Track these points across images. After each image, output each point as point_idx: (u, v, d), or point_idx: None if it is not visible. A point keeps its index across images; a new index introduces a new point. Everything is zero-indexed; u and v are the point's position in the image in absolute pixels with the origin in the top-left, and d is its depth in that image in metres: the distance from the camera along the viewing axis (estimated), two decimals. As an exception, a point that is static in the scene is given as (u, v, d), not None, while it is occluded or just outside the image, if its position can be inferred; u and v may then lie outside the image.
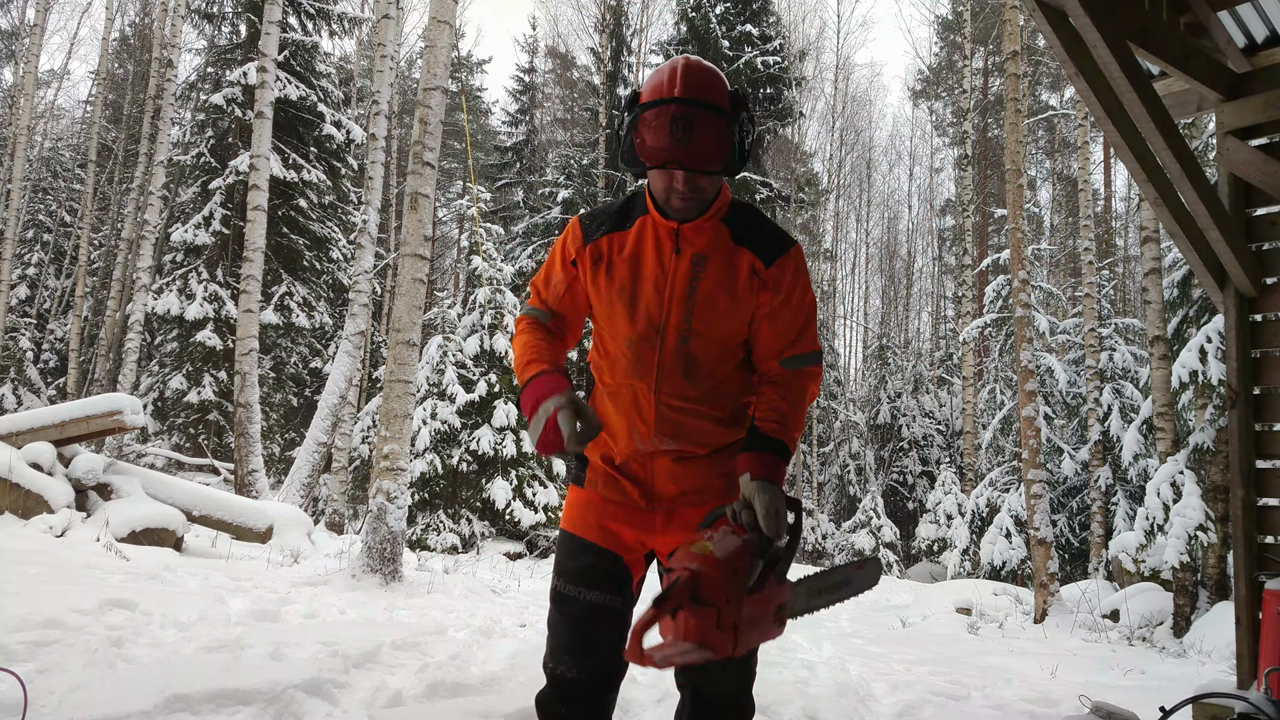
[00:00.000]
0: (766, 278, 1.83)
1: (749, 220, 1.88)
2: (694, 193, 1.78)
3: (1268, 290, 4.09)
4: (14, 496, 6.46)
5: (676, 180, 1.76)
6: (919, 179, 36.01)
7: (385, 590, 6.24)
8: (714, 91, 1.75)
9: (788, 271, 1.83)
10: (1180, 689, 4.49)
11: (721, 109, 1.72)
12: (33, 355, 22.75)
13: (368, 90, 20.59)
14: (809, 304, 1.87)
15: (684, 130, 1.70)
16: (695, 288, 1.83)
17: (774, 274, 1.82)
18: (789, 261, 1.84)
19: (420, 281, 7.00)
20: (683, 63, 1.78)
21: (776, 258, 1.83)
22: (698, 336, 1.83)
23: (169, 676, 2.89)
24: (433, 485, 13.27)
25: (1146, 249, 10.22)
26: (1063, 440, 15.93)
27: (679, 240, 1.85)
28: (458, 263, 25.88)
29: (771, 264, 1.83)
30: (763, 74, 22.63)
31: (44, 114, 28.92)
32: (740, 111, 1.77)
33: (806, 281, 1.87)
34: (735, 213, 1.89)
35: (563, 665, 1.87)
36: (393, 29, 13.63)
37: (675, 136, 1.70)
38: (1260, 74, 4.20)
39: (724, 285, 1.83)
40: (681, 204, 1.80)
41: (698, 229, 1.84)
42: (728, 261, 1.83)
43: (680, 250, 1.84)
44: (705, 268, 1.83)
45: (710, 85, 1.76)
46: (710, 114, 1.71)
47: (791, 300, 1.84)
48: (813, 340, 1.88)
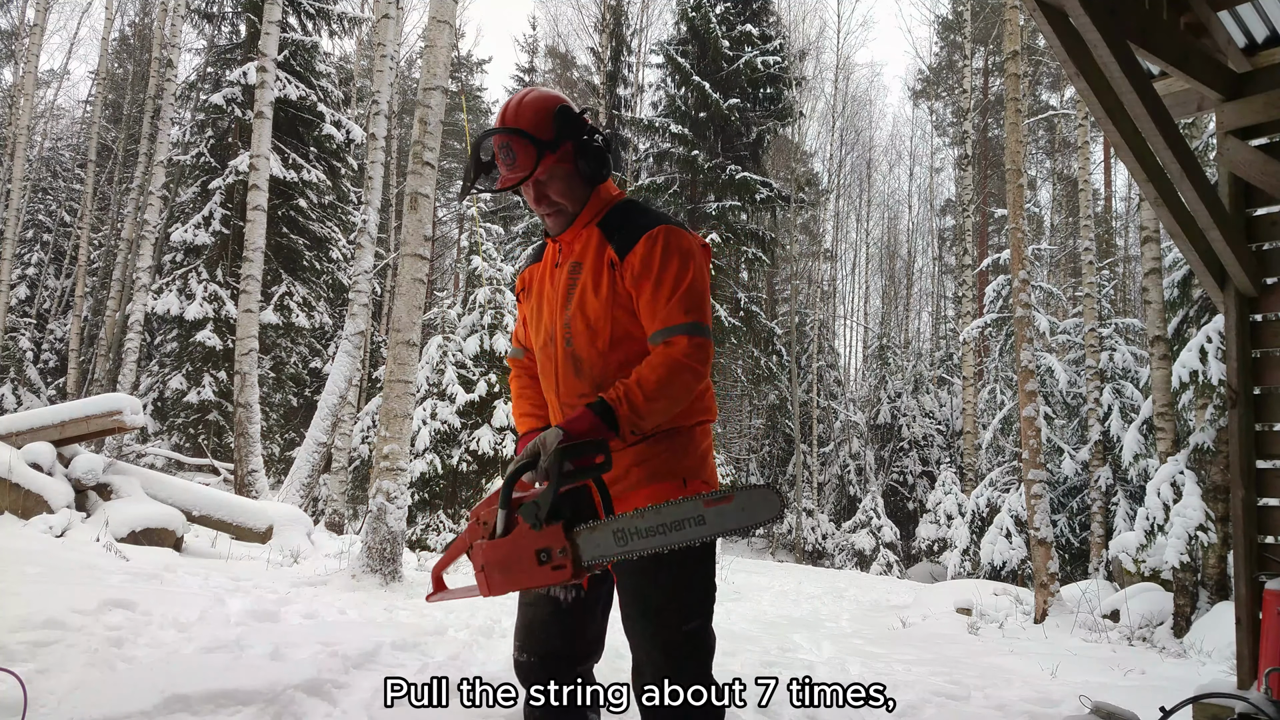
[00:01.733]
0: (623, 266, 1.89)
1: (621, 217, 1.97)
2: (550, 208, 1.96)
3: (1268, 290, 4.09)
4: (14, 496, 6.45)
5: (531, 200, 1.97)
6: (919, 179, 36.05)
7: (385, 590, 6.24)
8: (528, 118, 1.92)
9: (639, 254, 1.87)
10: (1180, 689, 4.49)
11: (523, 131, 1.89)
12: (33, 355, 22.75)
13: (368, 90, 20.60)
14: (673, 278, 1.86)
15: (507, 155, 1.91)
16: (571, 293, 1.96)
17: (629, 260, 1.88)
18: (643, 245, 1.88)
19: (420, 281, 7.00)
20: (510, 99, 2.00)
21: (632, 244, 1.89)
22: (577, 336, 1.94)
23: (169, 676, 2.89)
24: (433, 485, 13.27)
25: (1146, 249, 10.22)
26: (1063, 440, 15.93)
27: (560, 253, 2.02)
28: (458, 263, 25.87)
29: (627, 251, 1.89)
30: (763, 74, 22.64)
31: (44, 114, 28.92)
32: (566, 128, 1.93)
33: (674, 258, 1.87)
34: (612, 213, 1.99)
35: (515, 650, 2.03)
36: (393, 29, 13.63)
37: (504, 161, 1.92)
38: (1260, 74, 4.20)
39: (592, 283, 1.93)
40: (549, 221, 1.99)
41: (574, 237, 1.99)
42: (598, 260, 1.94)
43: (560, 263, 2.01)
44: (580, 272, 1.96)
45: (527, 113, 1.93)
46: (519, 138, 1.89)
47: (649, 273, 1.87)
48: (677, 312, 1.85)
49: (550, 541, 1.64)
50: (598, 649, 2.05)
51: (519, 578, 1.69)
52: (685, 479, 1.90)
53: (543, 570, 1.66)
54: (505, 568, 1.69)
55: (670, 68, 22.89)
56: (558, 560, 1.65)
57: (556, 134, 1.91)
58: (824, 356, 27.80)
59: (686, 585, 1.87)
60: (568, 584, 1.71)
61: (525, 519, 1.67)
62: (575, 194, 1.96)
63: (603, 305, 1.90)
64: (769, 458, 27.10)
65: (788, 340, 24.53)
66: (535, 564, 1.66)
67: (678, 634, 1.85)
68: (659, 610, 1.86)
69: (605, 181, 1.99)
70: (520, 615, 2.04)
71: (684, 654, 1.86)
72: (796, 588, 12.03)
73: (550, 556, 1.65)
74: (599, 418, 1.76)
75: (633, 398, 1.77)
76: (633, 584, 1.88)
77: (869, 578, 17.10)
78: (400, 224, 21.75)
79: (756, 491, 1.62)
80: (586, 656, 2.02)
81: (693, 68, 22.22)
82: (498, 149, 1.93)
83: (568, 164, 1.94)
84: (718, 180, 21.94)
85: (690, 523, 1.61)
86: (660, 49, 23.78)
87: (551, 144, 1.90)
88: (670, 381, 1.80)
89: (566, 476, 1.67)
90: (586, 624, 2.00)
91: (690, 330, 1.84)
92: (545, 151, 1.90)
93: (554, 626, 1.97)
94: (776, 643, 5.99)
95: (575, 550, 1.65)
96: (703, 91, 21.71)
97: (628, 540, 1.63)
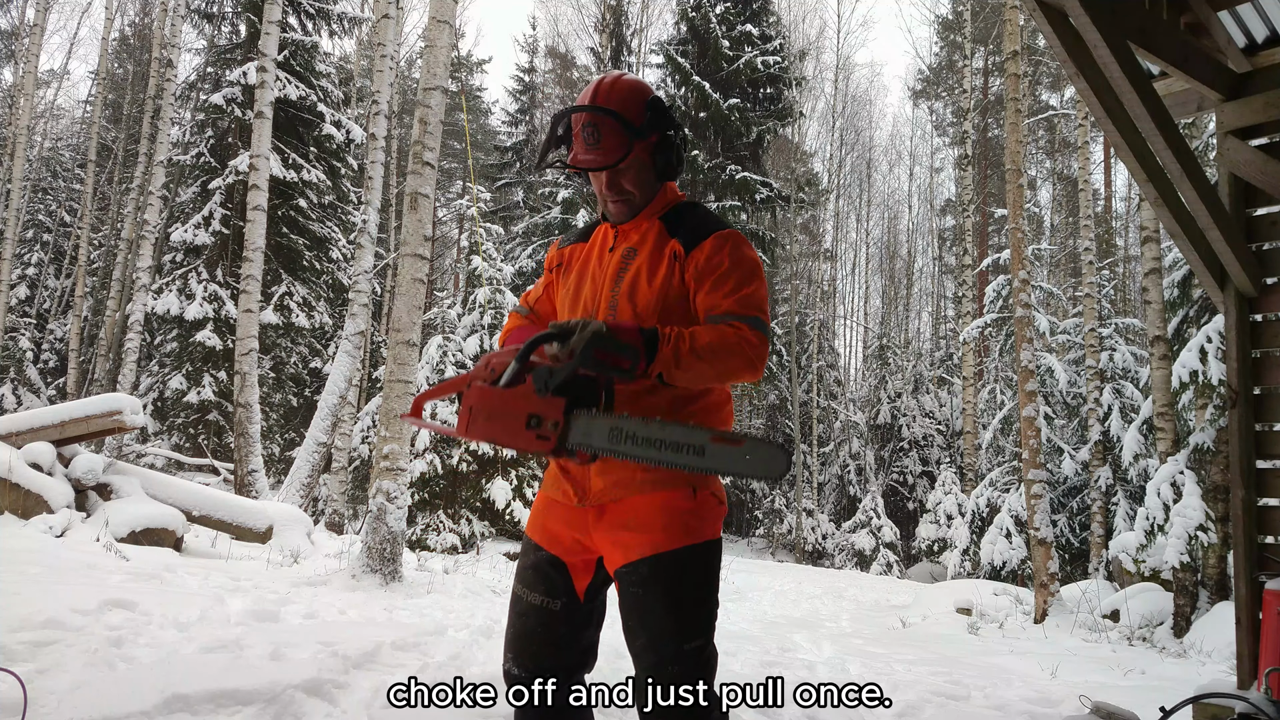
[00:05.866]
0: (687, 260, 1.88)
1: (686, 215, 1.96)
2: (619, 195, 1.93)
3: (1268, 290, 4.09)
4: (14, 496, 6.45)
5: (601, 185, 1.94)
6: (919, 179, 36.04)
7: (385, 590, 6.24)
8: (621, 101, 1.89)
9: (707, 251, 1.87)
10: (1180, 689, 4.49)
11: (616, 114, 1.86)
12: (33, 355, 22.75)
13: (368, 90, 20.59)
14: (740, 279, 1.84)
15: (592, 136, 1.87)
16: (621, 276, 1.93)
17: (694, 254, 1.87)
18: (713, 242, 1.87)
19: (420, 281, 7.00)
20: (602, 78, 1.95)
21: (699, 241, 1.88)
22: (621, 318, 1.88)
23: (169, 676, 2.89)
24: (433, 485, 13.26)
25: (1146, 249, 10.22)
26: (1063, 440, 15.93)
27: (616, 238, 1.99)
28: (458, 263, 25.87)
29: (693, 247, 1.88)
30: (763, 74, 22.64)
31: (44, 114, 28.92)
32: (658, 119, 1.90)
33: (744, 263, 1.86)
34: (675, 211, 1.98)
35: (506, 661, 2.00)
36: (393, 29, 13.63)
37: (586, 141, 1.88)
38: (1260, 74, 4.20)
39: (647, 270, 1.91)
40: (614, 207, 1.96)
41: (634, 227, 1.98)
42: (657, 250, 1.92)
43: (614, 247, 1.98)
44: (634, 257, 1.94)
45: (620, 96, 1.89)
46: (611, 119, 1.86)
47: (715, 270, 1.86)
48: (744, 307, 1.82)
49: (547, 411, 1.63)
50: (590, 660, 2.01)
51: (500, 432, 1.68)
52: (695, 487, 1.86)
53: (527, 434, 1.64)
54: (492, 416, 1.68)
55: (670, 68, 22.88)
56: (545, 430, 1.63)
57: (647, 123, 1.89)
58: (824, 356, 27.82)
59: (688, 602, 1.82)
60: (543, 455, 1.68)
61: (535, 381, 1.66)
62: (647, 186, 1.96)
63: (655, 294, 1.88)
64: (769, 458, 27.06)
65: (788, 340, 24.54)
66: (523, 425, 1.64)
67: (678, 652, 1.80)
68: (659, 628, 1.81)
69: (673, 180, 2.00)
70: (510, 625, 2.01)
71: (684, 673, 1.80)
72: (796, 588, 12.04)
73: (540, 424, 1.63)
74: (643, 337, 1.73)
75: (680, 344, 1.73)
76: (632, 598, 1.83)
77: (869, 578, 17.10)
78: (400, 224, 21.73)
79: (767, 446, 1.54)
80: (577, 668, 1.98)
81: (693, 68, 22.22)
82: (581, 127, 1.89)
83: (646, 155, 1.93)
84: (718, 180, 21.94)
85: (690, 449, 1.55)
86: (660, 49, 23.78)
87: (641, 132, 1.89)
88: (723, 351, 1.75)
89: (591, 362, 1.64)
90: (578, 636, 1.96)
91: (754, 323, 1.80)
92: (635, 139, 1.88)
93: (545, 638, 1.94)
94: (776, 643, 5.98)
95: (566, 429, 1.63)
96: (703, 91, 21.70)
97: (621, 440, 1.59)
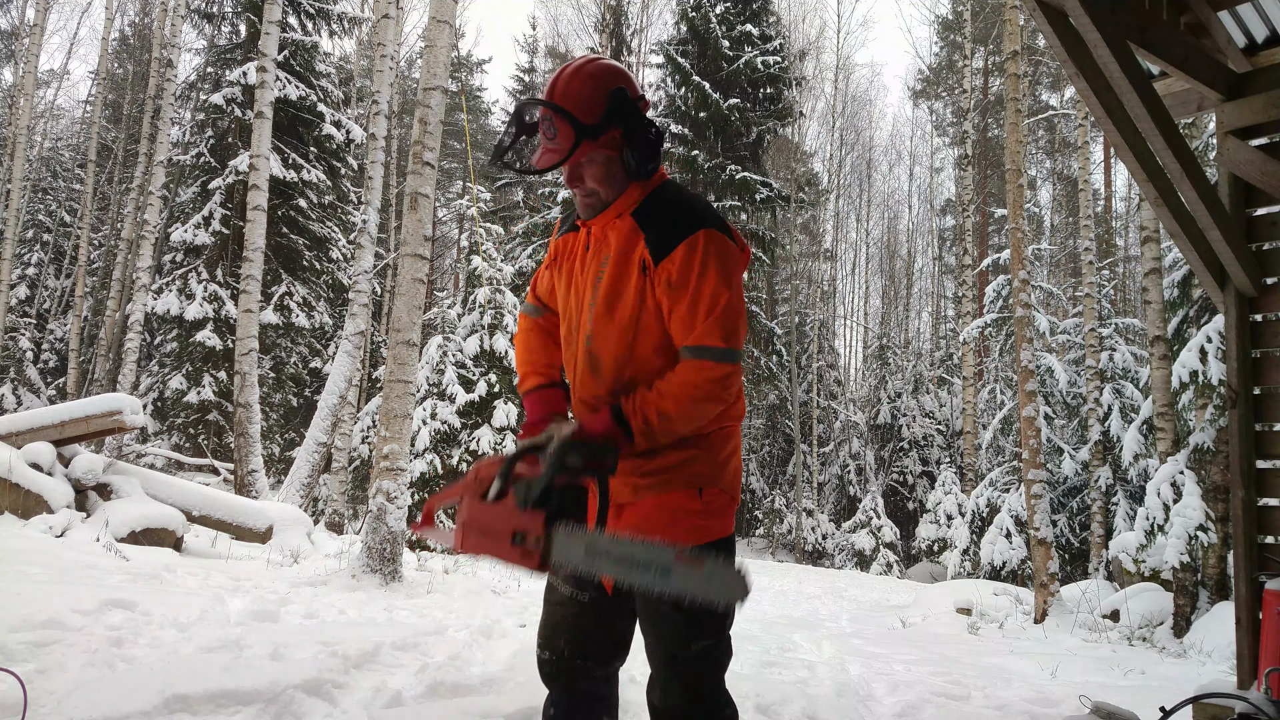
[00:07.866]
0: (658, 271, 1.75)
1: (657, 208, 1.81)
2: (582, 192, 1.83)
3: (1268, 290, 4.09)
4: (14, 496, 6.45)
5: (563, 176, 1.83)
6: (919, 179, 36.07)
7: (385, 590, 6.24)
8: (576, 94, 1.76)
9: (676, 263, 1.72)
10: (1180, 689, 4.49)
11: (566, 111, 1.73)
12: (32, 355, 22.75)
13: (368, 90, 20.60)
14: (710, 294, 1.72)
15: (549, 129, 1.76)
16: (597, 290, 1.84)
17: (665, 266, 1.74)
18: (682, 252, 1.73)
19: (420, 281, 7.00)
20: (565, 66, 1.83)
21: (669, 250, 1.74)
22: (597, 336, 1.84)
23: (169, 676, 2.89)
24: (433, 485, 13.26)
25: (1146, 249, 10.22)
26: (1063, 440, 15.93)
27: (590, 240, 1.89)
28: (458, 263, 25.86)
29: (662, 258, 1.74)
30: (763, 74, 22.63)
31: (44, 114, 28.91)
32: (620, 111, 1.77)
33: (713, 271, 1.72)
34: (648, 201, 1.83)
35: (538, 647, 1.99)
36: (393, 29, 13.62)
37: (545, 135, 1.77)
38: (1260, 74, 4.19)
39: (618, 285, 1.81)
40: (579, 203, 1.86)
41: (604, 227, 1.86)
42: (626, 256, 1.80)
43: (590, 247, 1.89)
44: (607, 269, 1.83)
45: (575, 89, 1.76)
46: (560, 116, 1.74)
47: (685, 285, 1.73)
48: (713, 334, 1.71)
49: (529, 526, 1.63)
50: (623, 650, 1.99)
51: (491, 547, 1.69)
52: (702, 488, 1.82)
53: (515, 550, 1.65)
54: (482, 532, 1.69)
55: (670, 68, 22.88)
56: (530, 547, 1.63)
57: (604, 118, 1.74)
58: (824, 356, 27.83)
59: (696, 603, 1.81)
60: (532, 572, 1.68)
61: (515, 495, 1.67)
62: (613, 183, 1.81)
63: (627, 309, 1.79)
64: (769, 458, 27.11)
65: (788, 340, 24.54)
66: (509, 542, 1.65)
67: (687, 650, 1.79)
68: (667, 628, 1.80)
69: (646, 178, 1.83)
70: (545, 613, 1.99)
71: (694, 672, 1.79)
72: (796, 588, 12.04)
73: (524, 540, 1.64)
74: (616, 423, 1.72)
75: (649, 415, 1.72)
76: (643, 598, 1.81)
77: (869, 578, 17.11)
78: (400, 224, 21.73)
79: (727, 571, 1.49)
80: (611, 658, 1.97)
81: (693, 68, 22.22)
82: (540, 119, 1.78)
83: (612, 150, 1.79)
84: (718, 180, 21.93)
85: (656, 570, 1.52)
86: (660, 49, 23.78)
87: (593, 130, 1.74)
88: (691, 405, 1.73)
89: (566, 470, 1.66)
90: (612, 625, 1.94)
91: (723, 357, 1.72)
92: (584, 138, 1.74)
93: (577, 626, 1.93)
94: (776, 642, 5.98)
95: (547, 544, 1.63)
96: (703, 91, 21.70)
97: (594, 558, 1.60)
